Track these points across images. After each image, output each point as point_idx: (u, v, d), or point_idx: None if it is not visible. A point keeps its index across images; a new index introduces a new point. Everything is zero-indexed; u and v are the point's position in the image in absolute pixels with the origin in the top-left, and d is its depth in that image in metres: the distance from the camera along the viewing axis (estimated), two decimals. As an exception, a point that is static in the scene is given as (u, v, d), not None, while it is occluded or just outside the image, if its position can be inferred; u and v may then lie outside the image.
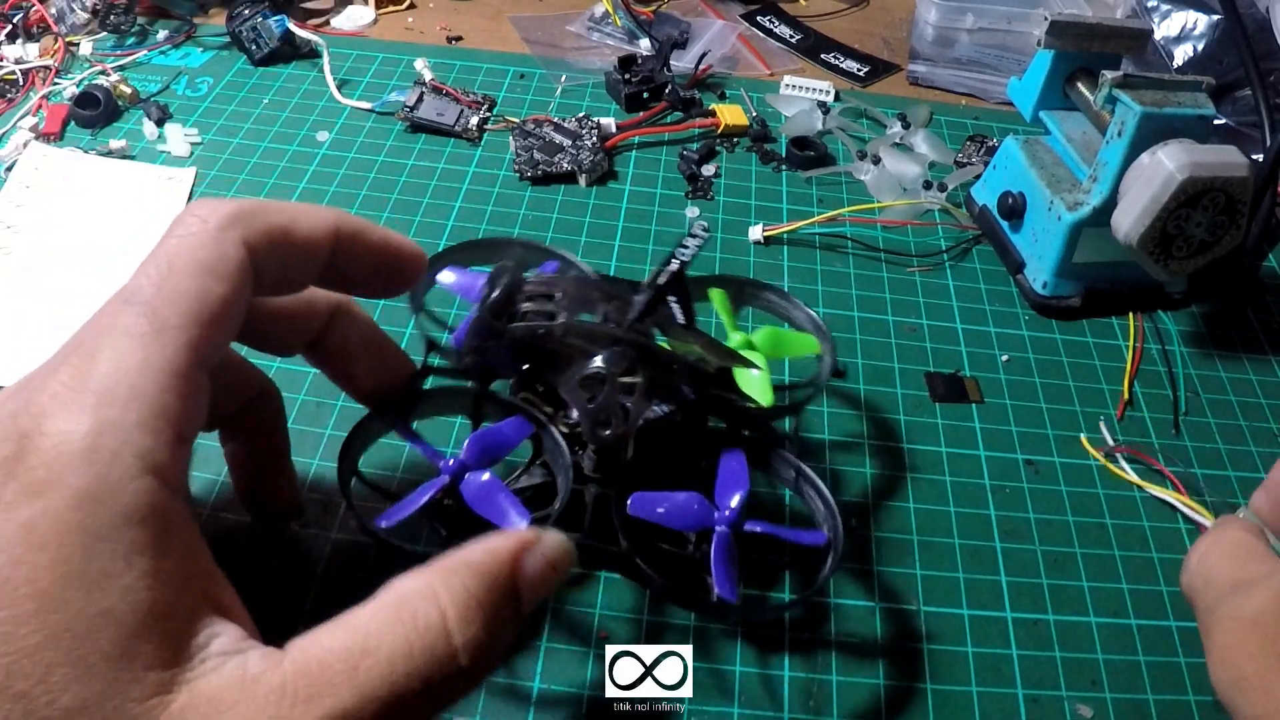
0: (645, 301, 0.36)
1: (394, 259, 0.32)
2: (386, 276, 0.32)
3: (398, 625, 0.24)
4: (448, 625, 0.24)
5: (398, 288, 0.33)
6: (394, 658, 0.23)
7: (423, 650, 0.24)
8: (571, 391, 0.35)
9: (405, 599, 0.25)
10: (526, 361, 0.36)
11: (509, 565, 0.26)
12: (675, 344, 0.36)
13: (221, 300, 0.26)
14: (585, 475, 0.36)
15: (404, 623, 0.24)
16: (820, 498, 0.37)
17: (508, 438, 0.35)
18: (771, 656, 0.38)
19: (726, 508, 0.35)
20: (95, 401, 0.23)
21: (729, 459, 0.36)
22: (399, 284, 0.33)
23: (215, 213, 0.27)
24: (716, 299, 0.42)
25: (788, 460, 0.38)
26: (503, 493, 0.34)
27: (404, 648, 0.23)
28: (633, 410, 0.35)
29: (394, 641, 0.23)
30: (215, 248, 0.26)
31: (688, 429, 0.38)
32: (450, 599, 0.25)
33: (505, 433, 0.35)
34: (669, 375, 0.36)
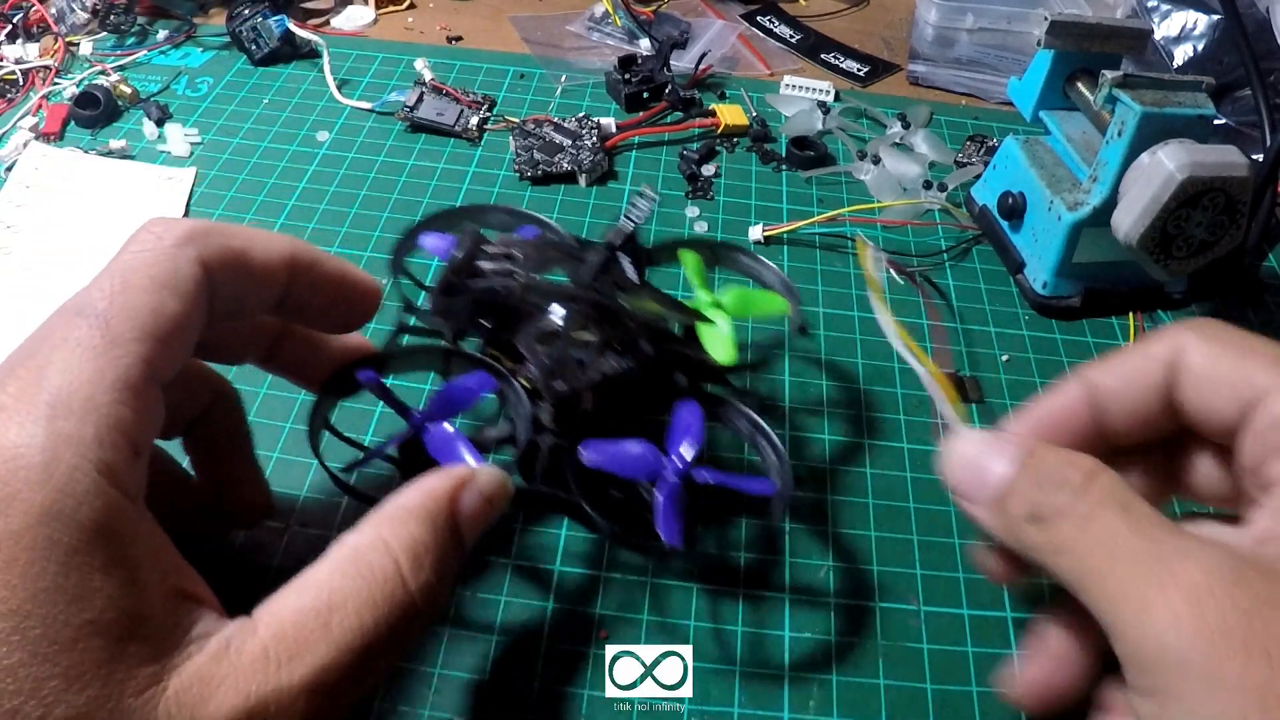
0: (599, 261, 0.37)
1: (350, 291, 0.33)
2: (342, 309, 0.33)
3: (358, 579, 0.25)
4: (402, 573, 0.26)
5: (352, 322, 0.34)
6: (360, 610, 0.25)
7: (384, 599, 0.25)
8: (528, 346, 0.37)
9: (359, 552, 0.26)
10: (489, 319, 0.38)
11: (447, 506, 0.28)
12: (634, 302, 0.38)
13: (176, 316, 0.26)
14: (543, 426, 0.37)
15: (363, 576, 0.26)
16: (773, 449, 0.38)
17: (471, 391, 0.37)
18: (772, 657, 0.38)
19: (677, 456, 0.35)
20: (48, 413, 0.23)
21: (683, 410, 0.37)
22: (354, 318, 0.33)
23: (171, 230, 0.27)
24: (689, 261, 0.43)
25: (743, 413, 0.39)
26: (462, 441, 0.35)
27: (367, 599, 0.25)
28: (588, 365, 0.36)
29: (358, 595, 0.25)
30: (170, 264, 0.26)
31: (647, 384, 0.39)
32: (400, 547, 0.26)
33: (469, 386, 0.37)
34: (626, 332, 0.38)
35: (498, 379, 0.38)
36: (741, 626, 0.39)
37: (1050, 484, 0.26)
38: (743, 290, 0.43)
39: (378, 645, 0.25)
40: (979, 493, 0.28)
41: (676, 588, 0.40)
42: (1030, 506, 0.26)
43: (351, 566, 0.26)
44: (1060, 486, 0.26)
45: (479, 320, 0.38)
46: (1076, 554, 0.25)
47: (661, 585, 0.40)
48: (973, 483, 0.28)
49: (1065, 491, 0.26)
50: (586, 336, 0.37)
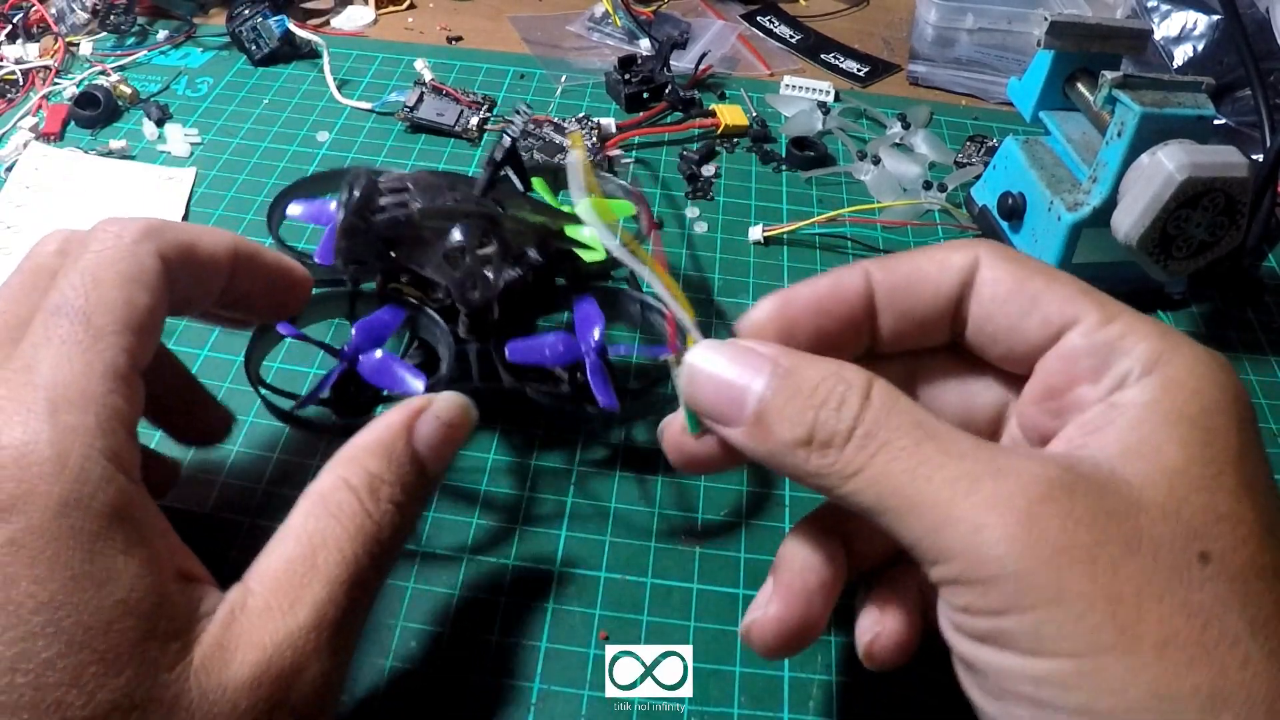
0: (488, 176, 0.41)
1: (285, 280, 0.35)
2: (278, 297, 0.35)
3: (328, 519, 0.27)
4: (365, 506, 0.28)
5: (288, 310, 0.36)
6: (340, 544, 0.27)
7: (356, 530, 0.27)
8: (438, 267, 0.40)
9: (324, 495, 0.28)
10: (393, 250, 0.40)
11: (403, 435, 0.29)
12: (519, 212, 0.41)
13: (147, 308, 0.27)
14: (461, 339, 0.41)
15: (332, 514, 0.27)
16: (667, 320, 0.42)
17: (387, 322, 0.41)
18: (771, 657, 0.38)
19: (590, 339, 0.41)
20: (49, 408, 0.24)
21: (582, 304, 0.43)
22: (289, 306, 0.36)
23: (128, 228, 0.28)
24: (539, 186, 0.48)
25: (632, 297, 0.45)
26: (397, 363, 0.40)
27: (341, 534, 0.27)
28: (493, 273, 0.40)
29: (333, 531, 0.27)
30: (134, 260, 0.28)
31: (539, 288, 0.43)
32: (358, 483, 0.28)
33: (384, 318, 0.41)
34: (519, 238, 0.41)
35: (407, 309, 0.42)
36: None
37: (823, 403, 0.24)
38: (592, 200, 0.47)
39: (361, 573, 0.27)
40: (735, 414, 0.25)
41: (676, 588, 0.40)
42: (802, 429, 0.24)
43: (320, 508, 0.28)
44: (837, 406, 0.24)
45: (388, 254, 0.40)
46: (874, 480, 0.23)
47: (661, 585, 0.40)
48: (725, 404, 0.25)
49: (844, 411, 0.24)
50: (487, 251, 0.40)
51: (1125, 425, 0.23)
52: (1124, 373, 0.24)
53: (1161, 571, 0.21)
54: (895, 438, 0.23)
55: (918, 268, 0.28)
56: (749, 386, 0.25)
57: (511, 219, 0.41)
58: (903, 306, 0.28)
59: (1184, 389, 0.24)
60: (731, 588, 0.40)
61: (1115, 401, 0.24)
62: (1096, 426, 0.24)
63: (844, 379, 0.24)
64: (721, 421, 0.26)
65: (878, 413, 0.24)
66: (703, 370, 0.26)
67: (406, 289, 0.43)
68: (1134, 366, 0.24)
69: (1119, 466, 0.23)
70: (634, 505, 0.43)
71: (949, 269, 0.28)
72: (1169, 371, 0.24)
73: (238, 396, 0.46)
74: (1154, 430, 0.23)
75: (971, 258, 0.27)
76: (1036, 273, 0.27)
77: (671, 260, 0.56)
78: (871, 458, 0.23)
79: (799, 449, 0.24)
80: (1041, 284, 0.26)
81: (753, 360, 0.25)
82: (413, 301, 0.42)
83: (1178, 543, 0.21)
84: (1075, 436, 0.25)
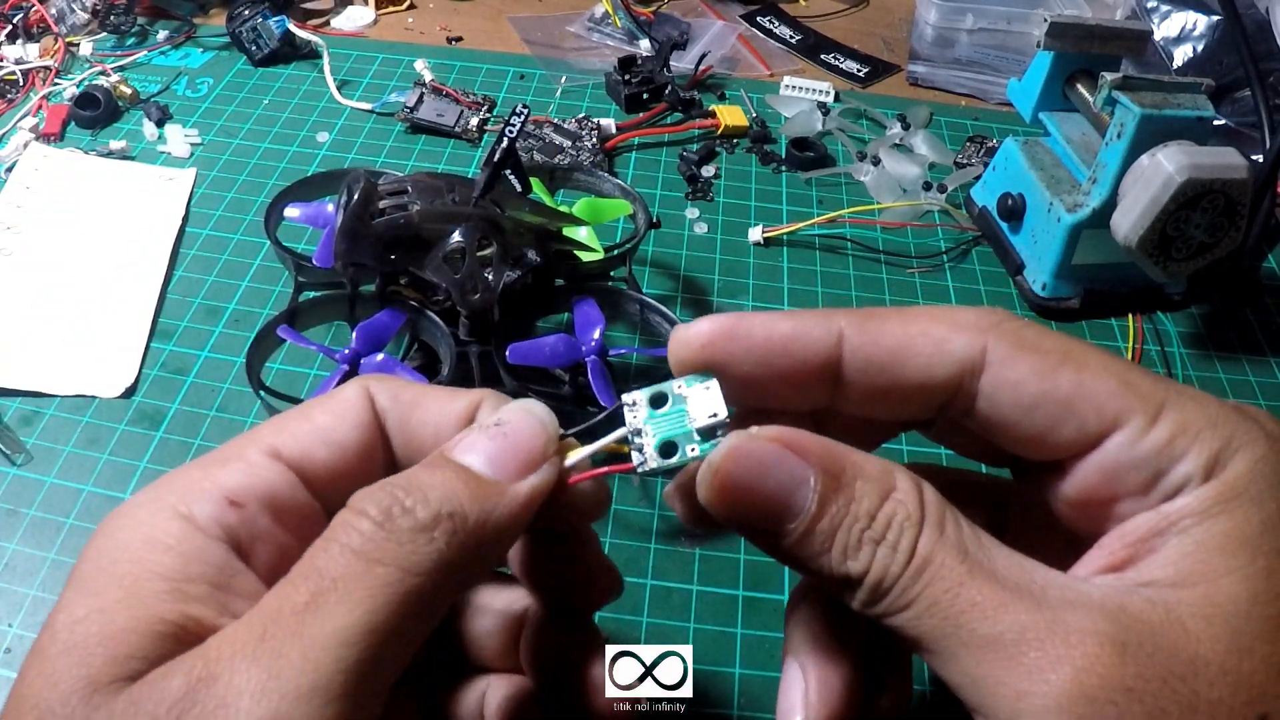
0: (486, 177, 0.40)
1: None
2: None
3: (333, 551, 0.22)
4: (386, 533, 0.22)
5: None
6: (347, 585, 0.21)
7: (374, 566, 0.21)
8: (438, 269, 0.40)
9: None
10: (393, 252, 0.40)
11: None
12: (518, 214, 0.41)
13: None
14: (462, 340, 0.42)
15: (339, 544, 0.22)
16: (666, 320, 0.44)
17: (388, 325, 0.41)
18: (772, 657, 0.38)
19: (590, 341, 0.41)
20: None
21: (582, 305, 0.43)
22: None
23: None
24: (535, 185, 0.47)
25: (631, 297, 0.45)
26: (399, 366, 0.40)
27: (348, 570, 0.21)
28: (493, 275, 0.40)
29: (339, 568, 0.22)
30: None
31: (539, 288, 0.44)
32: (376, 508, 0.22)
33: (384, 321, 0.41)
34: (518, 239, 0.41)
35: (407, 311, 0.42)
36: (741, 627, 0.39)
37: (881, 537, 0.21)
38: (589, 200, 0.49)
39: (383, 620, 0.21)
40: (775, 525, 0.21)
41: (676, 588, 0.40)
42: (857, 566, 0.21)
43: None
44: (894, 543, 0.21)
45: (388, 256, 0.40)
46: (917, 620, 0.21)
47: (661, 586, 0.40)
48: (758, 516, 0.22)
49: (901, 547, 0.21)
50: (487, 252, 0.40)
51: (1180, 549, 0.21)
52: (1178, 483, 0.21)
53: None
54: (939, 576, 0.21)
55: (907, 343, 0.23)
56: (791, 500, 0.21)
57: (511, 220, 0.41)
58: (879, 383, 0.24)
59: (1243, 500, 0.21)
60: (731, 589, 0.40)
61: (1166, 512, 0.21)
62: (1146, 540, 0.22)
63: (901, 502, 0.21)
64: (755, 531, 0.22)
65: (925, 544, 0.21)
66: (731, 473, 0.22)
67: (406, 291, 0.43)
68: (1191, 474, 0.21)
69: (1173, 604, 0.20)
70: (634, 506, 0.43)
71: (947, 355, 0.23)
72: (1227, 478, 0.21)
73: (238, 398, 0.46)
74: (1210, 556, 0.21)
75: (977, 347, 0.23)
76: (1061, 365, 0.22)
77: (671, 261, 0.56)
78: (916, 598, 0.21)
79: (845, 588, 0.21)
80: (1071, 382, 0.22)
81: (791, 466, 0.21)
82: (413, 304, 0.42)
83: (1237, 708, 0.19)
84: (1120, 550, 0.22)
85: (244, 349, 0.41)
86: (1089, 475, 0.23)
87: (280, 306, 0.48)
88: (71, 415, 0.45)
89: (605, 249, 0.48)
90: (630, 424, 0.23)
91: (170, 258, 0.54)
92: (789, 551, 0.22)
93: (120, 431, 0.45)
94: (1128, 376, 0.22)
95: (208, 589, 0.20)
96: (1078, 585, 0.21)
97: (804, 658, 0.25)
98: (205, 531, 0.21)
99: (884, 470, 0.22)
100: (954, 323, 0.23)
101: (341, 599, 0.19)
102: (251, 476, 0.22)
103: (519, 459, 0.23)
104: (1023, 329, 0.23)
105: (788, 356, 0.24)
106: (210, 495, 0.22)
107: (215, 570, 0.21)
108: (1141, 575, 0.21)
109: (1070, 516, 0.24)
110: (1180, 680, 0.19)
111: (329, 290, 0.45)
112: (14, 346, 0.48)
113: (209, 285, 0.52)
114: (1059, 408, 0.22)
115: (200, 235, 0.55)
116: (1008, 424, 0.23)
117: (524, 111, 0.41)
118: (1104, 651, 0.19)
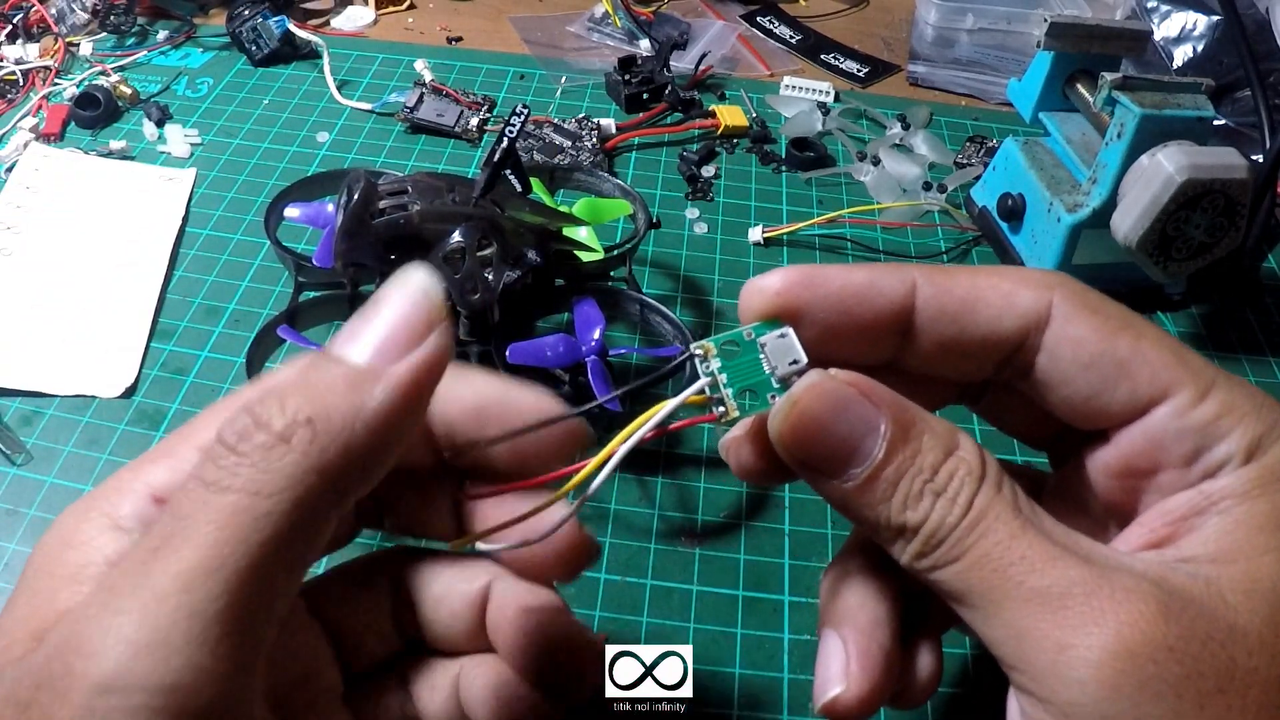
0: (486, 178, 0.40)
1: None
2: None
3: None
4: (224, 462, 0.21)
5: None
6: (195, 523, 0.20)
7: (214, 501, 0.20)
8: (437, 269, 0.39)
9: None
10: (393, 253, 0.40)
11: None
12: (518, 214, 0.41)
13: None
14: (462, 340, 0.42)
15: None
16: (666, 320, 0.45)
17: None
18: (772, 657, 0.38)
19: (590, 341, 0.41)
20: None
21: (582, 305, 0.43)
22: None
23: None
24: (535, 185, 0.47)
25: (631, 297, 0.46)
26: None
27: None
28: (493, 275, 0.40)
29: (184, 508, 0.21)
30: None
31: (539, 288, 0.44)
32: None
33: None
34: (518, 239, 0.42)
35: None
36: (741, 627, 0.39)
37: (943, 489, 0.21)
38: (589, 200, 0.49)
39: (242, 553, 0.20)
40: (838, 469, 0.22)
41: (677, 589, 0.40)
42: (915, 515, 0.21)
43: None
44: (954, 496, 0.21)
45: (388, 256, 0.40)
46: (964, 573, 0.21)
47: (661, 586, 0.40)
48: (827, 455, 0.22)
49: (959, 501, 0.21)
50: (486, 253, 0.40)
51: (1220, 527, 0.22)
52: (1220, 460, 0.22)
53: (1250, 711, 0.20)
54: (992, 530, 0.21)
55: (977, 295, 0.24)
56: (860, 444, 0.22)
57: (511, 220, 0.41)
58: (948, 334, 0.24)
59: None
60: (731, 589, 0.40)
61: (1208, 491, 0.22)
62: (1186, 519, 0.22)
63: (964, 459, 0.22)
64: (819, 471, 0.22)
65: (983, 501, 0.21)
66: (809, 409, 0.22)
67: None
68: (1232, 453, 0.22)
69: (1214, 579, 0.21)
70: (634, 506, 0.43)
71: (1014, 308, 0.24)
72: (1268, 461, 0.22)
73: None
74: (1251, 535, 0.21)
75: (1045, 301, 0.23)
76: (1121, 329, 0.23)
77: (671, 261, 0.56)
78: (967, 551, 0.21)
79: (900, 535, 0.22)
80: (1128, 346, 0.23)
81: (865, 411, 0.22)
82: None
83: (1272, 680, 0.20)
84: (1160, 528, 0.23)
85: (244, 349, 0.41)
86: (1135, 442, 0.23)
87: (280, 306, 0.48)
88: (71, 415, 0.45)
89: (605, 249, 0.48)
90: (704, 374, 0.23)
91: (170, 258, 0.54)
92: (849, 496, 0.22)
93: (120, 431, 0.45)
94: (1182, 352, 0.23)
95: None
96: (1121, 555, 0.22)
97: (844, 629, 0.25)
98: (123, 528, 0.21)
99: (949, 429, 0.22)
100: (1021, 279, 0.24)
101: (185, 539, 0.18)
102: (178, 471, 0.21)
103: (397, 337, 0.20)
104: (1086, 291, 0.24)
105: (863, 305, 0.24)
106: (137, 493, 0.21)
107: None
108: (1183, 551, 0.22)
109: (1109, 490, 0.24)
110: (1220, 646, 0.20)
111: (329, 290, 0.45)
112: (14, 346, 0.48)
113: (209, 285, 0.52)
114: (1115, 369, 0.23)
115: (200, 235, 0.55)
116: (1065, 380, 0.24)
117: (524, 111, 0.41)
118: (1148, 609, 0.20)
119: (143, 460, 0.22)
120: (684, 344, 0.43)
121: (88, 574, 0.20)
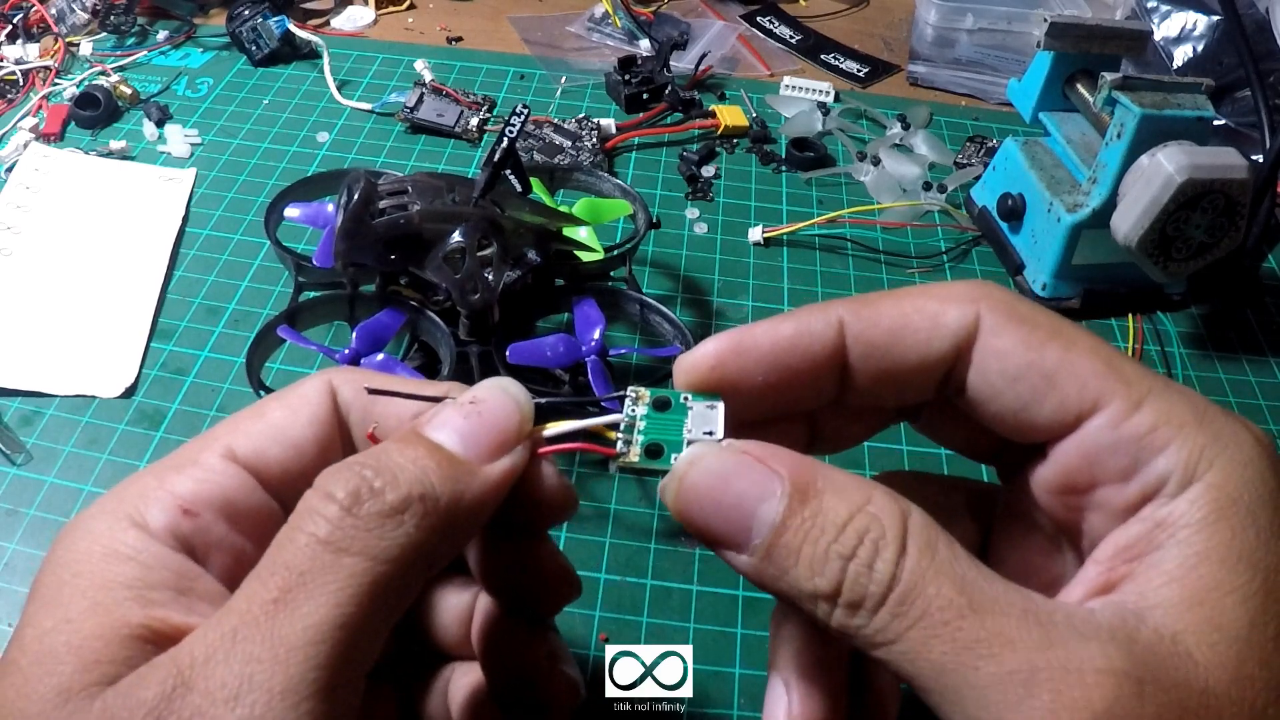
0: (486, 178, 0.40)
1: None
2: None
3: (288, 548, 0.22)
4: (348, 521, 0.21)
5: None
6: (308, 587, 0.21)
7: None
8: (438, 269, 0.40)
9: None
10: (393, 253, 0.40)
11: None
12: (518, 214, 0.41)
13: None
14: (463, 340, 0.42)
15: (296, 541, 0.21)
16: (666, 320, 0.45)
17: (388, 325, 0.41)
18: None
19: (590, 340, 0.42)
20: None
21: (582, 305, 0.43)
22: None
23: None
24: (535, 185, 0.47)
25: (631, 297, 0.46)
26: (399, 367, 0.40)
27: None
28: (493, 275, 0.40)
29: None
30: None
31: (539, 288, 0.44)
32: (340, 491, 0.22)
33: (385, 321, 0.41)
34: (518, 239, 0.42)
35: (407, 311, 0.42)
36: (741, 627, 0.39)
37: (853, 553, 0.20)
38: (590, 200, 0.50)
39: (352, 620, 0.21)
40: (738, 540, 0.21)
41: (676, 589, 0.40)
42: (826, 582, 0.20)
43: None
44: (869, 561, 0.19)
45: (388, 256, 0.40)
46: (910, 657, 0.19)
47: (661, 587, 0.40)
48: (724, 527, 0.21)
49: (879, 568, 0.19)
50: (487, 252, 0.40)
51: (1180, 561, 0.20)
52: (1159, 477, 0.21)
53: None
54: (934, 607, 0.19)
55: (903, 322, 0.23)
56: (755, 510, 0.20)
57: (511, 220, 0.41)
58: (882, 367, 0.24)
59: (1239, 509, 0.20)
60: (731, 589, 0.40)
61: (1161, 521, 0.21)
62: (1141, 554, 0.21)
63: (876, 517, 0.20)
64: (724, 544, 0.21)
65: (914, 570, 0.19)
66: (697, 483, 0.21)
67: (406, 291, 0.43)
68: (1171, 470, 0.21)
69: (1180, 633, 0.19)
70: (634, 506, 0.43)
71: (942, 328, 0.23)
72: (1214, 480, 0.20)
73: (238, 398, 0.46)
74: (1213, 571, 0.20)
75: (970, 316, 0.23)
76: (1050, 339, 0.22)
77: (671, 261, 0.56)
78: (908, 630, 0.19)
79: (821, 601, 0.20)
80: (1056, 356, 0.22)
81: (759, 477, 0.21)
82: (413, 304, 0.42)
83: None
84: (1118, 565, 0.21)
85: (244, 349, 0.41)
86: (1069, 457, 0.22)
87: (280, 306, 0.48)
88: (71, 415, 0.45)
89: (605, 249, 0.48)
90: (627, 414, 0.23)
91: (170, 258, 0.54)
92: (757, 569, 0.21)
93: (120, 431, 0.45)
94: (1114, 361, 0.22)
95: (171, 594, 0.20)
96: (1083, 614, 0.20)
97: (788, 675, 0.24)
98: (160, 540, 0.21)
99: (859, 484, 0.21)
100: (946, 296, 0.23)
101: (310, 594, 0.19)
102: (205, 483, 0.22)
103: (493, 438, 0.22)
104: (1015, 301, 0.23)
105: (795, 355, 0.23)
106: (164, 504, 0.21)
107: (175, 575, 0.21)
108: (1145, 596, 0.20)
109: (1052, 507, 0.24)
110: (1195, 717, 0.19)
111: (329, 290, 0.45)
112: (14, 346, 0.48)
113: (209, 285, 0.52)
114: (1042, 381, 0.22)
115: (200, 235, 0.55)
116: (995, 395, 0.23)
117: (524, 111, 0.41)
118: (1123, 692, 0.18)
119: (165, 467, 0.22)
120: (684, 344, 0.43)
121: (154, 597, 0.20)
